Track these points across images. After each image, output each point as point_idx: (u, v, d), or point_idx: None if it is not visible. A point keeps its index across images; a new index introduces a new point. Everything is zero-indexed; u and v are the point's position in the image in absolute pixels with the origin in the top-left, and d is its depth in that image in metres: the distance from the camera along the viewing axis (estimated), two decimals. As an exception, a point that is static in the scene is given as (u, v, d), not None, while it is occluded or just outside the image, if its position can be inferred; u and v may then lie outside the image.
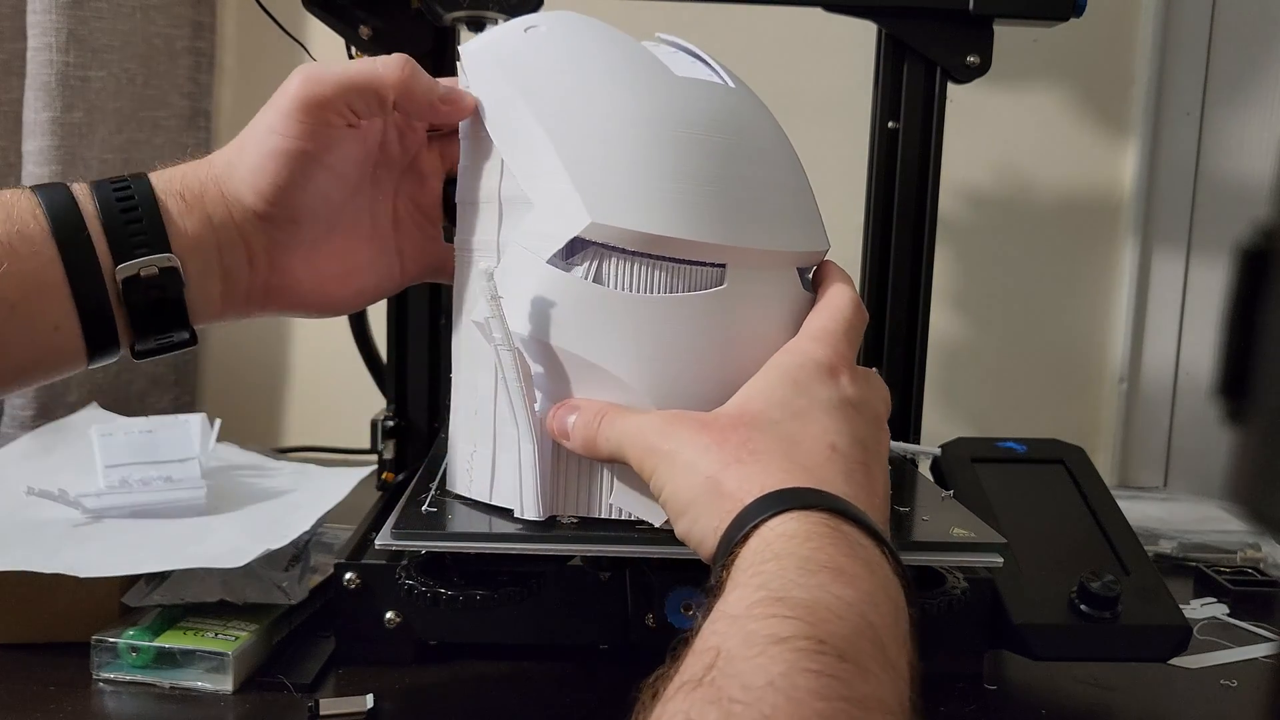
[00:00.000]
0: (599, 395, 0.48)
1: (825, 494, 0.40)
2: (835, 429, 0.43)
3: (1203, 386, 1.08)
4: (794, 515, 0.38)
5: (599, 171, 0.47)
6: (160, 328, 0.47)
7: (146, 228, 0.46)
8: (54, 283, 0.44)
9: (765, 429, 0.43)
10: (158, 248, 0.46)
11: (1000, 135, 1.08)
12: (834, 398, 0.45)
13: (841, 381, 0.45)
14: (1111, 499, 0.67)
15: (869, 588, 0.36)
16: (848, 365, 0.46)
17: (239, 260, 0.49)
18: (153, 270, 0.46)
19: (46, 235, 0.44)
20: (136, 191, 0.46)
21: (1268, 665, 0.64)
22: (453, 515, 0.53)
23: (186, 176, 0.48)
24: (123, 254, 0.45)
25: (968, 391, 1.11)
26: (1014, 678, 0.61)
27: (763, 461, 0.42)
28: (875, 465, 0.44)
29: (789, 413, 0.44)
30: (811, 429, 0.43)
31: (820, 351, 0.46)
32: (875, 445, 0.45)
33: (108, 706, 0.55)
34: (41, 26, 0.93)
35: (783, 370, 0.46)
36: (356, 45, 0.73)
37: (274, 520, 0.67)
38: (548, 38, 0.51)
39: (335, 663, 0.59)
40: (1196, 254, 1.08)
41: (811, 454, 0.43)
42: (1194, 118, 1.07)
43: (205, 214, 0.47)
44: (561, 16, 0.52)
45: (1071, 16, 0.71)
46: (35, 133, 0.93)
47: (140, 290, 0.46)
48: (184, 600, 0.60)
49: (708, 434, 0.43)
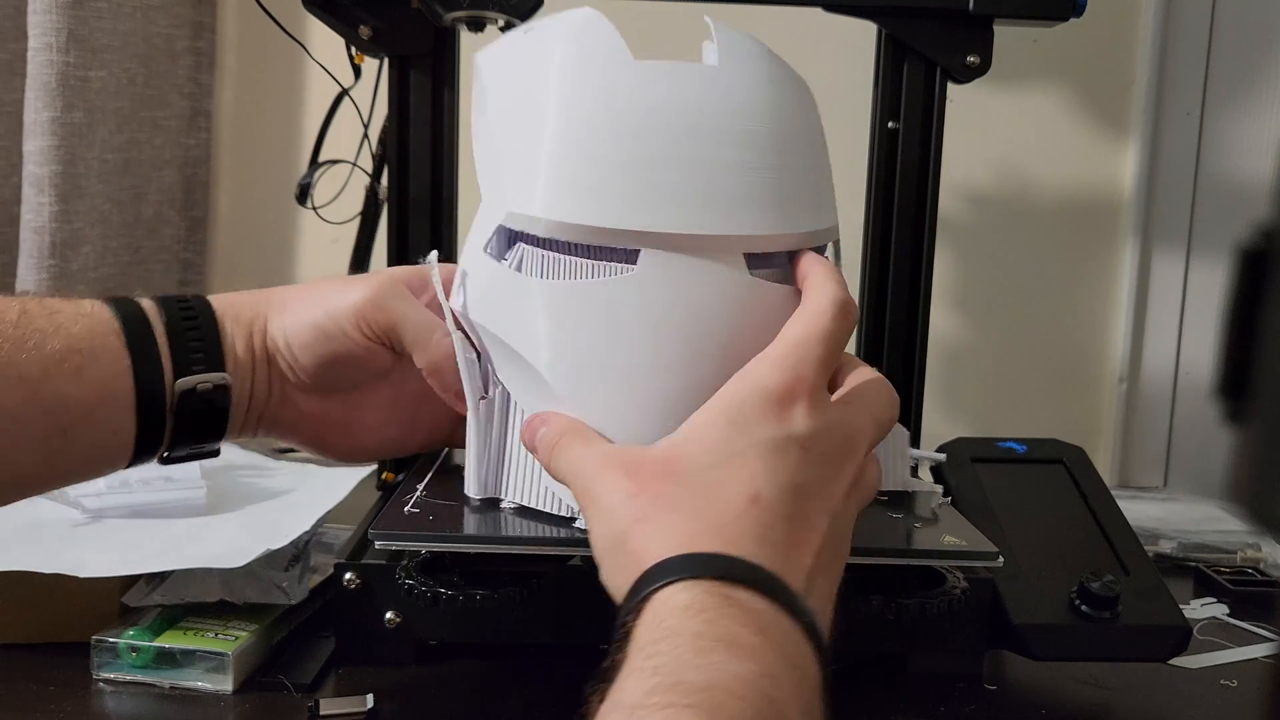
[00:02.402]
0: (522, 383, 0.50)
1: (721, 559, 0.37)
2: (765, 476, 0.40)
3: (1203, 386, 1.08)
4: (685, 585, 0.36)
5: (523, 162, 0.48)
6: (197, 438, 0.51)
7: (205, 346, 0.49)
8: (124, 391, 0.47)
9: (685, 478, 0.40)
10: (214, 365, 0.49)
11: (1000, 135, 1.08)
12: (775, 437, 0.41)
13: (793, 415, 0.41)
14: (1111, 499, 0.67)
15: (769, 659, 0.34)
16: (808, 392, 0.42)
17: (262, 387, 0.52)
18: (208, 386, 0.49)
19: (122, 348, 0.47)
20: (199, 310, 0.50)
21: (1268, 665, 0.64)
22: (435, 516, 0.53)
23: (242, 302, 0.52)
24: (183, 369, 0.49)
25: (968, 391, 1.11)
26: (1014, 678, 0.61)
27: (670, 519, 0.39)
28: (816, 511, 0.41)
29: (718, 457, 0.41)
30: (736, 477, 0.40)
31: (774, 378, 0.42)
32: (822, 488, 0.41)
33: (108, 706, 0.55)
34: (42, 26, 0.93)
35: (725, 403, 0.42)
36: (357, 45, 0.73)
37: (274, 520, 0.67)
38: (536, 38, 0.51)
39: (335, 663, 0.59)
40: (1196, 254, 1.08)
41: (726, 509, 0.39)
42: (1194, 118, 1.07)
43: (249, 340, 0.51)
44: (563, 17, 0.52)
45: (1071, 16, 0.71)
46: (35, 133, 0.93)
47: (193, 402, 0.49)
48: (184, 600, 0.60)
49: (630, 480, 0.41)
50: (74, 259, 0.95)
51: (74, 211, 0.95)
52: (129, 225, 1.04)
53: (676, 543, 0.38)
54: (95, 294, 0.51)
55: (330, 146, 0.86)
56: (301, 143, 1.11)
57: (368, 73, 0.82)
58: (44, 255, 0.94)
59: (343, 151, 0.85)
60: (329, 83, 0.84)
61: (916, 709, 0.57)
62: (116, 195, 1.01)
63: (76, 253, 0.96)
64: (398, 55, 0.72)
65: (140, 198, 1.05)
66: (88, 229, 0.97)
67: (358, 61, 0.82)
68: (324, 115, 0.86)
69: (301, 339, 0.52)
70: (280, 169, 1.11)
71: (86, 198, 0.97)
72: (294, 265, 1.14)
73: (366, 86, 0.83)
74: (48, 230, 0.94)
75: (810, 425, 0.41)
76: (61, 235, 0.94)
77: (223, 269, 1.14)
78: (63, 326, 0.46)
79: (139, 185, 1.04)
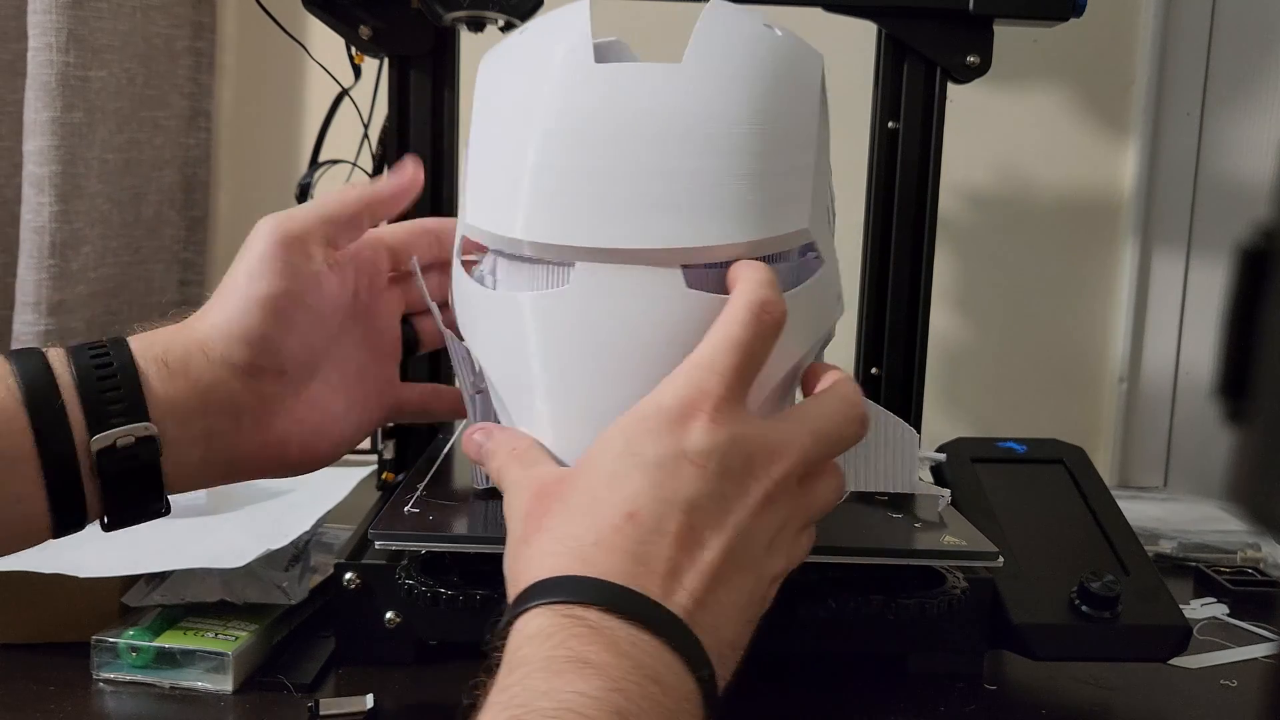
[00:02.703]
0: (487, 387, 0.51)
1: (573, 581, 0.37)
2: (647, 493, 0.39)
3: (1203, 386, 1.08)
4: (539, 612, 0.36)
5: (475, 170, 0.49)
6: (133, 499, 0.46)
7: (124, 395, 0.44)
8: (23, 454, 0.43)
9: (570, 496, 0.40)
10: (135, 416, 0.44)
11: (1000, 135, 1.08)
12: (663, 454, 0.39)
13: (689, 431, 0.40)
14: (1111, 499, 0.67)
15: (620, 674, 0.34)
16: (711, 407, 0.40)
17: (225, 423, 0.48)
18: (129, 439, 0.44)
19: (18, 406, 0.42)
20: (115, 358, 0.45)
21: (1268, 665, 0.64)
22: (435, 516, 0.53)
23: (171, 342, 0.47)
24: (99, 423, 0.44)
25: (968, 391, 1.11)
26: (1014, 678, 0.61)
27: (544, 539, 0.39)
28: (709, 529, 0.39)
29: (605, 474, 0.40)
30: (617, 494, 0.39)
31: (672, 395, 0.41)
32: (717, 505, 0.39)
33: (108, 706, 0.55)
34: (41, 26, 0.93)
35: (623, 422, 0.41)
36: (356, 45, 0.73)
37: (274, 520, 0.67)
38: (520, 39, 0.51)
39: (335, 663, 0.59)
40: (1196, 254, 1.08)
41: (598, 526, 0.38)
42: (1194, 118, 1.07)
43: (190, 379, 0.46)
44: (551, 17, 0.51)
45: (1071, 16, 0.71)
46: (35, 133, 0.93)
47: (115, 461, 0.44)
48: (184, 600, 0.60)
49: (531, 500, 0.41)
50: (74, 259, 0.95)
51: (74, 211, 0.95)
52: (129, 225, 1.04)
53: (541, 567, 0.38)
54: (95, 293, 0.49)
55: (330, 146, 0.86)
56: (301, 143, 1.11)
57: (368, 73, 0.82)
58: (44, 255, 0.94)
59: (343, 151, 0.85)
60: (329, 83, 0.84)
61: (916, 709, 0.57)
62: (116, 195, 1.01)
63: (76, 253, 0.96)
64: (398, 55, 0.72)
65: (140, 198, 1.05)
66: (88, 229, 0.97)
67: (358, 61, 0.82)
68: (324, 115, 0.86)
69: (250, 317, 0.48)
70: (280, 169, 1.11)
71: (86, 198, 0.97)
72: (294, 265, 1.14)
73: (366, 86, 0.83)
74: (48, 230, 0.94)
75: (707, 441, 0.40)
76: (61, 235, 0.94)
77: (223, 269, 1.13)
78: None
79: (139, 185, 1.04)
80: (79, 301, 0.96)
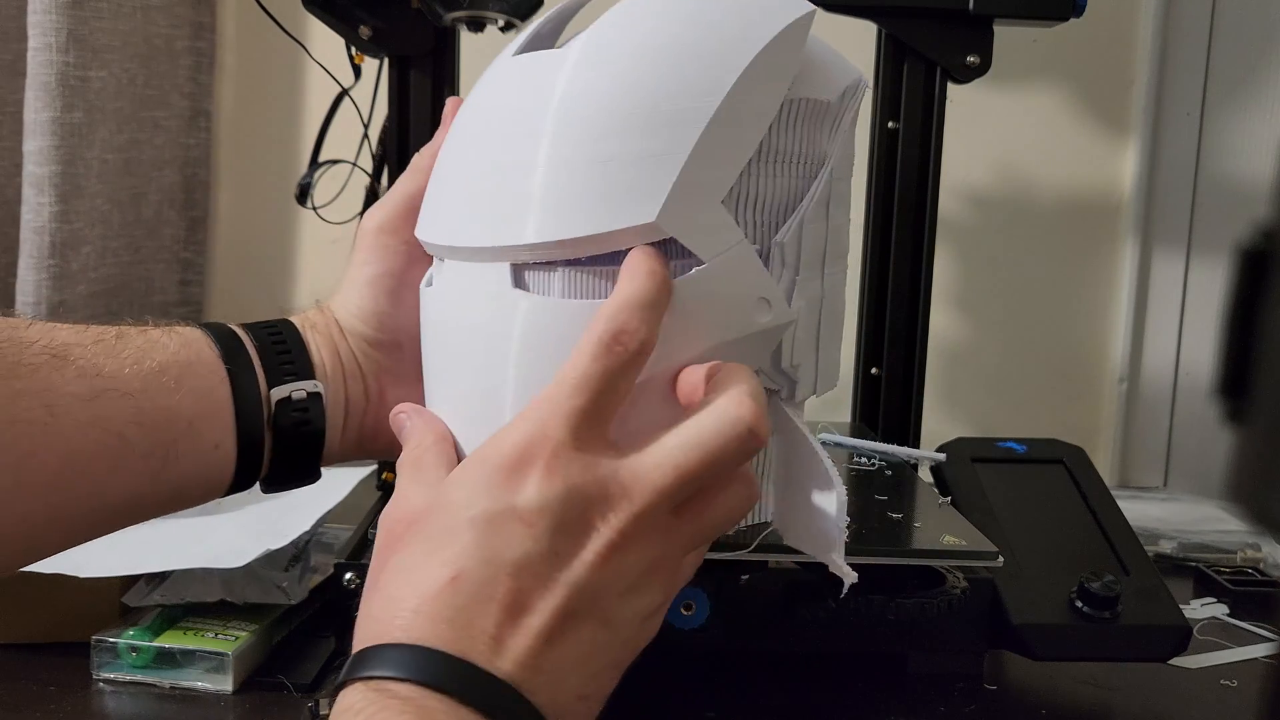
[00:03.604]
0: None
1: (384, 652, 0.36)
2: (471, 553, 0.37)
3: (1203, 386, 1.08)
4: (354, 688, 0.36)
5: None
6: (297, 459, 0.50)
7: (295, 358, 0.50)
8: (223, 400, 0.47)
9: (405, 548, 0.39)
10: (304, 375, 0.50)
11: (1000, 135, 1.08)
12: (491, 510, 0.37)
13: (522, 483, 0.37)
14: (1111, 499, 0.67)
15: None
16: (549, 453, 0.37)
17: (358, 391, 0.52)
18: (302, 393, 0.49)
19: (217, 359, 0.47)
20: (284, 329, 0.51)
21: (1268, 665, 0.64)
22: None
23: (314, 319, 0.52)
24: (275, 380, 0.49)
25: (968, 392, 1.11)
26: (1014, 678, 0.61)
27: (375, 598, 0.39)
28: (536, 589, 0.37)
29: (437, 528, 0.38)
30: (444, 554, 0.37)
31: (511, 442, 0.38)
32: (547, 564, 0.37)
33: (108, 706, 0.55)
34: (41, 27, 0.93)
35: (466, 466, 0.39)
36: (356, 45, 0.73)
37: (274, 520, 0.67)
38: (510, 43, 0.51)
39: (335, 663, 0.59)
40: (1197, 254, 1.08)
41: (420, 591, 0.37)
42: (1194, 118, 1.07)
43: (333, 348, 0.51)
44: (543, 17, 0.50)
45: (1071, 16, 0.71)
46: (35, 133, 0.93)
47: (289, 413, 0.49)
48: (184, 600, 0.60)
49: (386, 534, 0.41)
50: (74, 259, 0.96)
51: (74, 211, 0.95)
52: (129, 225, 1.04)
53: (365, 633, 0.38)
54: (95, 293, 0.50)
55: (330, 146, 0.86)
56: (301, 143, 1.11)
57: (368, 73, 0.82)
58: (44, 255, 0.94)
59: (343, 151, 0.85)
60: (329, 83, 0.84)
61: (916, 709, 0.57)
62: (116, 195, 1.01)
63: (76, 253, 0.96)
64: (398, 55, 0.72)
65: (140, 198, 1.05)
66: (88, 229, 0.97)
67: (358, 61, 0.82)
68: (324, 115, 0.86)
69: (364, 298, 0.52)
70: (280, 169, 1.11)
71: (86, 198, 0.97)
72: (294, 265, 1.14)
73: (366, 86, 0.83)
74: (48, 230, 0.94)
75: (539, 496, 0.37)
76: (61, 235, 0.94)
77: (223, 269, 1.14)
78: (158, 343, 0.47)
79: (139, 185, 1.04)
80: (79, 301, 0.96)
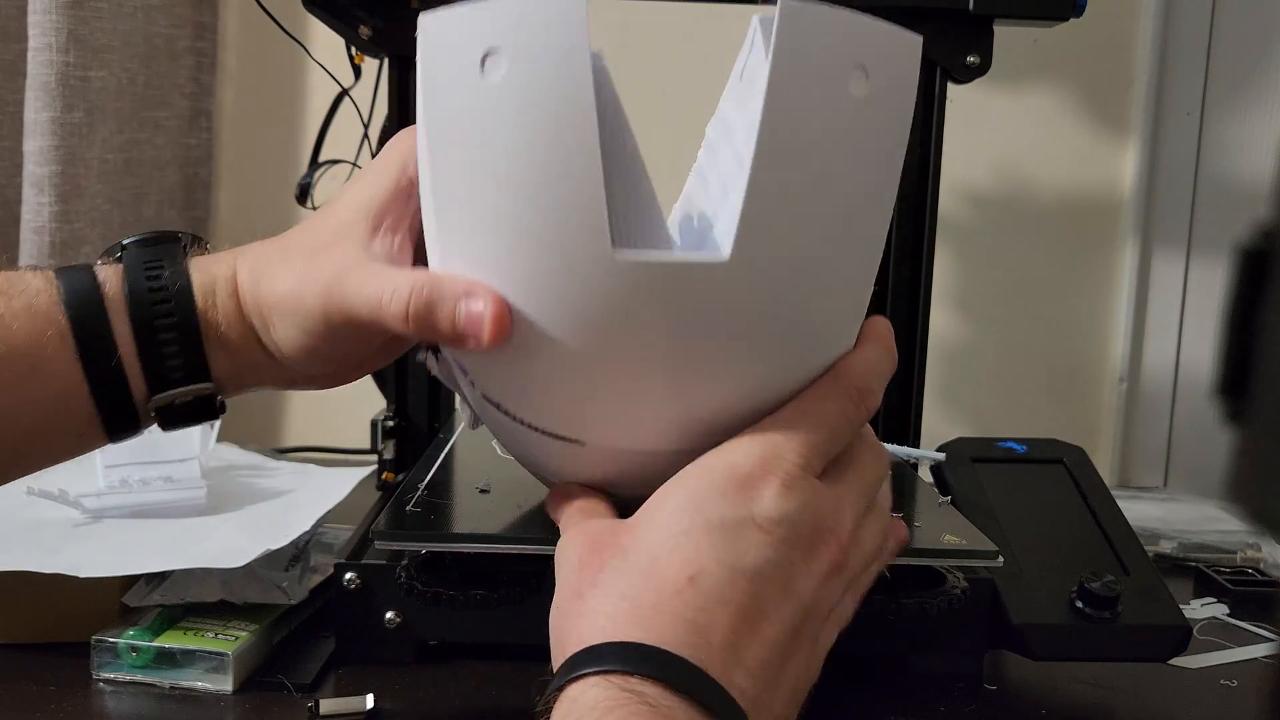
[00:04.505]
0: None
1: (635, 650, 0.35)
2: (709, 556, 0.37)
3: (1203, 386, 1.08)
4: (596, 681, 0.34)
5: None
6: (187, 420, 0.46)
7: (185, 350, 0.45)
8: (80, 410, 0.43)
9: (629, 552, 0.38)
10: (197, 373, 0.45)
11: (1000, 135, 1.08)
12: (732, 516, 0.37)
13: (758, 494, 0.38)
14: (1111, 499, 0.66)
15: None
16: (783, 474, 0.38)
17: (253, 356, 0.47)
18: (189, 398, 0.45)
19: (73, 357, 0.43)
20: (174, 299, 0.46)
21: (1268, 665, 0.64)
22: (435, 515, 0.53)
23: (221, 279, 0.48)
24: (158, 383, 0.44)
25: (968, 391, 1.11)
26: (1014, 678, 0.61)
27: (599, 599, 0.37)
28: (774, 599, 0.37)
29: (665, 533, 0.38)
30: (678, 555, 0.37)
31: (746, 454, 0.39)
32: (784, 574, 0.38)
33: (107, 707, 0.55)
34: (42, 26, 0.93)
35: (689, 476, 0.39)
36: (357, 45, 0.73)
37: (274, 520, 0.67)
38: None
39: (335, 663, 0.59)
40: (1197, 254, 1.08)
41: (658, 589, 0.36)
42: (1194, 118, 1.07)
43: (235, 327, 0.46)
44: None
45: (1071, 16, 0.71)
46: (35, 132, 0.93)
47: (175, 412, 0.45)
48: (184, 600, 0.60)
49: (585, 547, 0.39)
50: (74, 259, 0.95)
51: (74, 211, 0.95)
52: (129, 225, 1.03)
53: (599, 628, 0.36)
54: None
55: (330, 146, 0.86)
56: (302, 143, 1.11)
57: (368, 73, 0.82)
58: (44, 255, 0.94)
59: (343, 151, 0.85)
60: (329, 83, 0.84)
61: (916, 709, 0.57)
62: (117, 195, 1.01)
63: (77, 253, 0.96)
64: (398, 55, 0.72)
65: (141, 198, 1.05)
66: (88, 229, 0.97)
67: (358, 61, 0.82)
68: (324, 115, 0.86)
69: (297, 348, 0.46)
70: (281, 169, 1.11)
71: (87, 198, 0.97)
72: (294, 265, 1.14)
73: (366, 86, 0.83)
74: (48, 230, 0.94)
75: (777, 507, 0.38)
76: (61, 235, 0.94)
77: (223, 269, 1.14)
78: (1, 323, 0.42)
79: (139, 185, 1.04)
80: (79, 301, 0.96)
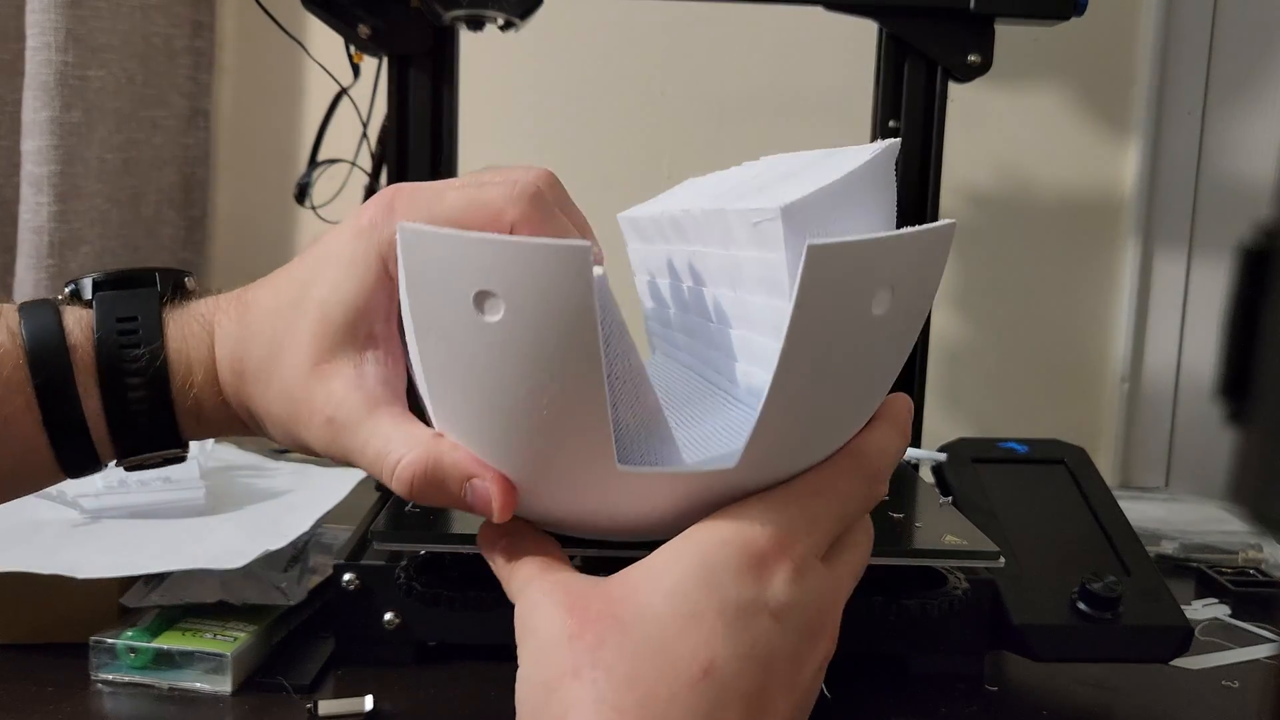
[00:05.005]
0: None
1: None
2: (725, 644, 0.34)
3: (1204, 387, 1.08)
4: None
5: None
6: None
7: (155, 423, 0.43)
8: (41, 466, 0.42)
9: (631, 628, 0.34)
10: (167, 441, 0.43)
11: (1000, 135, 1.08)
12: (746, 600, 0.35)
13: (773, 578, 0.36)
14: (1113, 499, 0.66)
15: None
16: (798, 557, 0.36)
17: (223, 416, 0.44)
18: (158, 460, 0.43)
19: (37, 425, 0.41)
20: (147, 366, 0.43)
21: (1269, 666, 0.64)
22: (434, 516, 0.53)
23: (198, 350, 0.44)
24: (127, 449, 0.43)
25: (969, 392, 1.10)
26: (1015, 678, 0.60)
27: (603, 682, 0.33)
28: (779, 691, 0.35)
29: (676, 609, 0.35)
30: (691, 640, 0.34)
31: (762, 531, 0.36)
32: (790, 665, 0.36)
33: (106, 707, 0.55)
34: (40, 26, 0.93)
35: (698, 545, 0.36)
36: (356, 44, 0.73)
37: (273, 521, 0.67)
38: None
39: (335, 663, 0.59)
40: (1198, 254, 1.08)
41: (669, 678, 0.34)
42: (1195, 117, 1.07)
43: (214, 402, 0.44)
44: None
45: (1072, 16, 0.71)
46: (34, 132, 0.93)
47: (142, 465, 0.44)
48: (183, 601, 0.60)
49: (572, 617, 0.35)
50: (73, 259, 0.95)
51: (72, 211, 0.95)
52: (128, 225, 1.03)
53: (604, 718, 0.33)
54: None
55: (329, 146, 0.86)
56: (300, 142, 1.11)
57: (367, 72, 0.82)
58: (42, 255, 0.94)
59: (342, 151, 0.85)
60: (328, 82, 0.84)
61: (917, 709, 0.57)
62: (115, 195, 1.01)
63: (75, 253, 0.96)
64: (397, 54, 0.72)
65: (139, 197, 1.05)
66: (86, 229, 0.97)
67: (357, 61, 0.81)
68: (323, 114, 0.86)
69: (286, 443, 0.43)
70: (279, 168, 1.11)
71: (85, 197, 0.96)
72: (294, 265, 1.14)
73: (366, 86, 0.83)
74: (46, 230, 0.94)
75: (788, 595, 0.36)
76: (60, 235, 0.94)
77: (221, 269, 1.14)
78: None
79: (138, 185, 1.04)
80: (78, 301, 0.96)
